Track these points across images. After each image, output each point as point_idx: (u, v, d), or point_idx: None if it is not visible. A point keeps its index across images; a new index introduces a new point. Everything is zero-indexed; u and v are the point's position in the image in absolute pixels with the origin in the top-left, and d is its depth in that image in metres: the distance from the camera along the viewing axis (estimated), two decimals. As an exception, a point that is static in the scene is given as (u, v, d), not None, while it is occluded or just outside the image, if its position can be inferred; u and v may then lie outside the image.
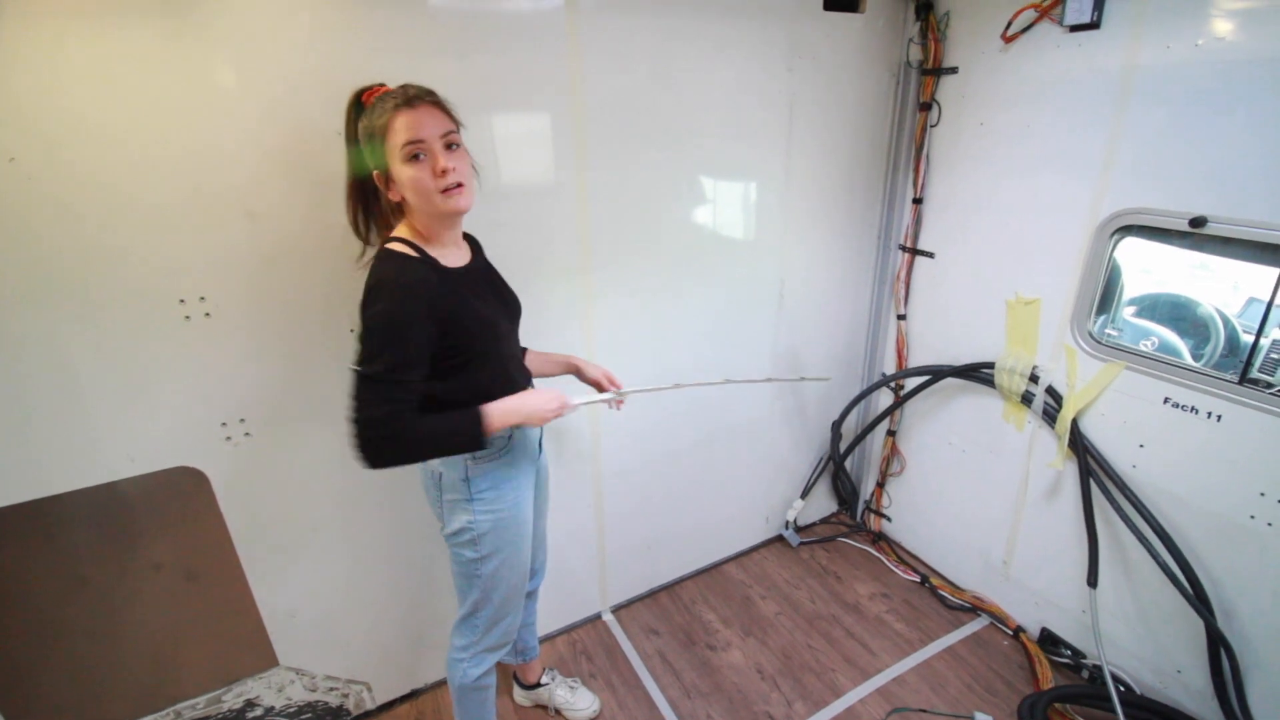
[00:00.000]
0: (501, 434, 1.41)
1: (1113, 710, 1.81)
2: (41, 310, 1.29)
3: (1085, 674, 2.09)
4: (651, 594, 2.53)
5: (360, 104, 1.23)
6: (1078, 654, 2.12)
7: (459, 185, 1.21)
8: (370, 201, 1.31)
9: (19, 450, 1.35)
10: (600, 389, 1.61)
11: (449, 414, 1.26)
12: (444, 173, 1.18)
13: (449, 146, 1.21)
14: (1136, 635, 1.95)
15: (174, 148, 1.31)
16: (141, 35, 1.23)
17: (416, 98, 1.18)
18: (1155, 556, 1.77)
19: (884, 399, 2.65)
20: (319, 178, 1.45)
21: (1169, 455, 1.78)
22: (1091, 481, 1.91)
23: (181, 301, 1.39)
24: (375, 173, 1.22)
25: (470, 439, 1.26)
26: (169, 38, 1.25)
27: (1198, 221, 1.60)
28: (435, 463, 1.40)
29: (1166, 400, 1.75)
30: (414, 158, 1.17)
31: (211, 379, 1.48)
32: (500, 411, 1.28)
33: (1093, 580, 1.93)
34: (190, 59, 1.28)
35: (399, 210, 1.28)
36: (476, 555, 1.46)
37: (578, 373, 1.64)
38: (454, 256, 1.33)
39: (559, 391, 1.37)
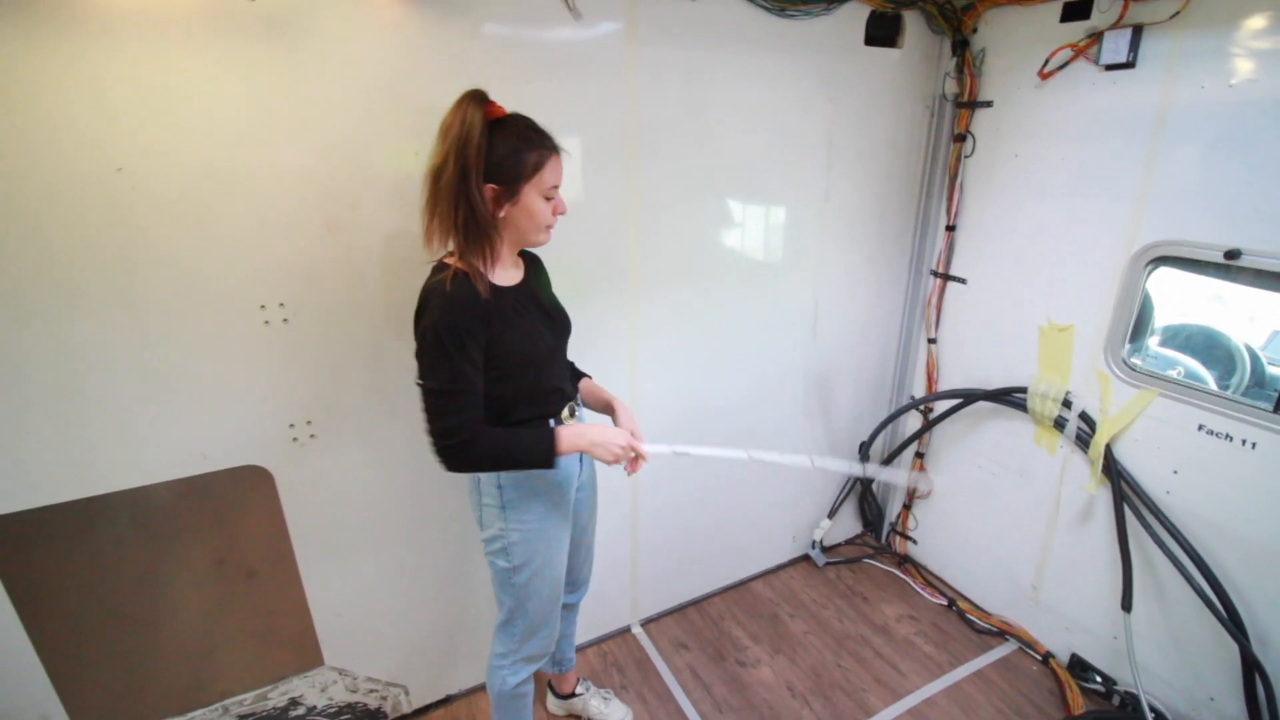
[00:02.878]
0: None
1: (1147, 736, 1.82)
2: (136, 310, 1.37)
3: (1116, 700, 2.09)
4: (680, 609, 2.55)
5: (490, 120, 1.23)
6: (1108, 680, 2.13)
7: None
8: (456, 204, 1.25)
9: (104, 444, 1.42)
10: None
11: (522, 430, 1.36)
12: (558, 215, 1.36)
13: None
14: (1169, 661, 1.96)
15: (262, 161, 1.39)
16: (237, 56, 1.32)
17: (558, 148, 1.32)
18: (1190, 581, 1.79)
19: (912, 421, 2.69)
20: (392, 193, 1.53)
21: (1203, 481, 1.81)
22: (1125, 506, 1.93)
23: (262, 307, 1.47)
24: (489, 187, 1.25)
25: (542, 456, 1.33)
26: (262, 61, 1.34)
27: (1232, 254, 1.66)
28: None
29: (1201, 427, 1.79)
30: (548, 197, 1.32)
31: (284, 382, 1.55)
32: (570, 435, 1.36)
33: (1127, 604, 1.94)
34: (279, 80, 1.37)
35: (485, 224, 1.30)
36: (508, 565, 1.50)
37: (611, 414, 1.62)
38: (507, 276, 1.39)
39: (629, 436, 1.43)
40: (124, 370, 1.39)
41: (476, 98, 1.23)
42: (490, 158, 1.23)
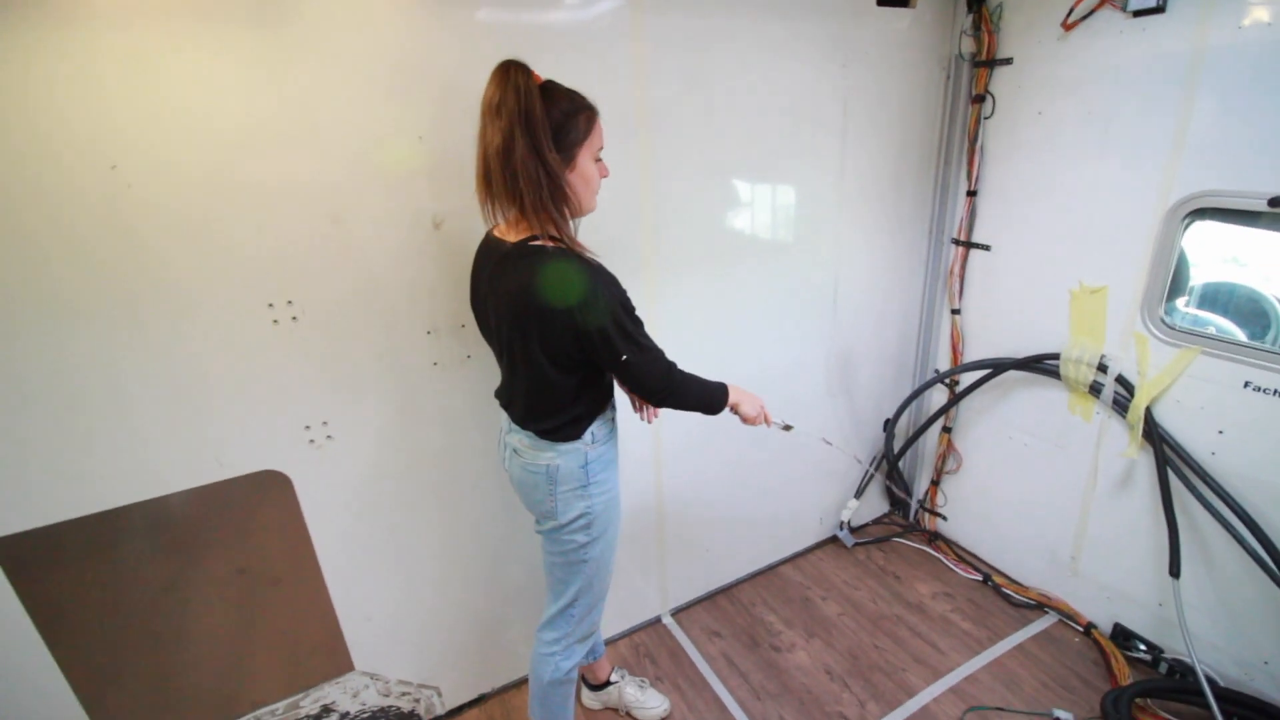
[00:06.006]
0: (611, 416, 1.49)
1: (1198, 704, 1.77)
2: (137, 316, 1.31)
3: (1164, 668, 2.04)
4: (709, 596, 2.51)
5: (541, 86, 1.18)
6: (1154, 648, 2.07)
7: None
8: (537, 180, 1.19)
9: (117, 455, 1.37)
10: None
11: (700, 377, 1.46)
12: (602, 179, 1.34)
13: None
14: (1219, 627, 1.91)
15: (262, 155, 1.33)
16: (230, 44, 1.26)
17: (597, 108, 1.28)
18: (1242, 543, 1.73)
19: (939, 396, 2.63)
20: (399, 182, 1.47)
21: (1252, 440, 1.74)
22: (1169, 470, 1.87)
23: (270, 306, 1.41)
24: (557, 156, 1.18)
25: (719, 402, 1.48)
26: (258, 48, 1.28)
27: (1277, 201, 1.58)
28: (550, 456, 1.40)
29: (1247, 384, 1.72)
30: (596, 159, 1.30)
31: (297, 382, 1.49)
32: (734, 389, 1.51)
33: (1175, 570, 1.89)
34: (274, 68, 1.30)
35: (568, 193, 1.24)
36: (588, 539, 1.48)
37: None
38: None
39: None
40: (129, 379, 1.34)
41: (523, 67, 1.15)
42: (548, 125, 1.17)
